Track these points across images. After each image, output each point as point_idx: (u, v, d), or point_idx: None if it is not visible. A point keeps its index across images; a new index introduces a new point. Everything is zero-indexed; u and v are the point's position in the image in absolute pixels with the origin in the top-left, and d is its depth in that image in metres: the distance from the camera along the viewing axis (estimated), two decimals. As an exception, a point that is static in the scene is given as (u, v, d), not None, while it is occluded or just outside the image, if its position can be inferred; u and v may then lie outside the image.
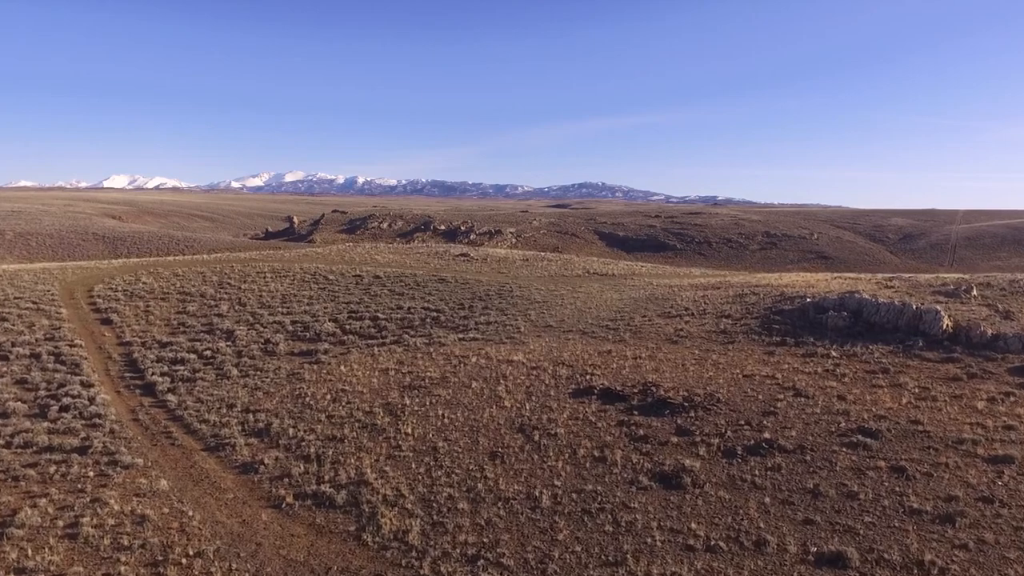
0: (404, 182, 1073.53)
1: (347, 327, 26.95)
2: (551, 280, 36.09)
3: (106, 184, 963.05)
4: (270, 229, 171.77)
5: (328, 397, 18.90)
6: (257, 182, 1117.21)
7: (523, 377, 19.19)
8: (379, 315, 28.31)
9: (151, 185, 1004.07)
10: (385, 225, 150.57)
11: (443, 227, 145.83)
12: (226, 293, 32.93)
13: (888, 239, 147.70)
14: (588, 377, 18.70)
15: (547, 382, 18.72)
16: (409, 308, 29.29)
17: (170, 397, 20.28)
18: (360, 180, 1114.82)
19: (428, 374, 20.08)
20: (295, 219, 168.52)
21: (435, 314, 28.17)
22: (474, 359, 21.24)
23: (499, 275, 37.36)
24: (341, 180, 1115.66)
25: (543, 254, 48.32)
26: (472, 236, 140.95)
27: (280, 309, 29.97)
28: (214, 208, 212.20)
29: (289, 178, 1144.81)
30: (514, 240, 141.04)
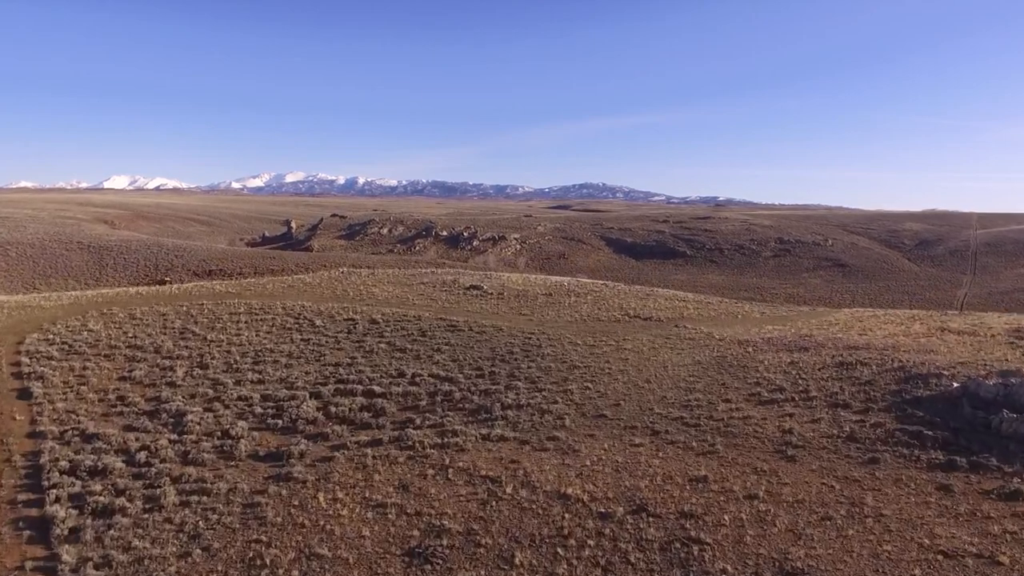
0: (405, 183, 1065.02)
1: (333, 409, 20.16)
2: (585, 327, 29.34)
3: (107, 185, 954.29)
4: (267, 234, 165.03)
5: (296, 572, 12.19)
6: (258, 183, 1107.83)
7: (590, 538, 12.48)
8: (375, 387, 21.55)
9: (152, 186, 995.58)
10: (385, 231, 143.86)
11: (445, 233, 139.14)
12: (187, 347, 26.16)
13: (904, 245, 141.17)
14: (691, 549, 11.95)
15: (630, 552, 12.03)
16: (414, 376, 22.53)
17: (66, 550, 13.55)
18: (361, 181, 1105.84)
19: (444, 522, 13.35)
20: (293, 224, 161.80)
21: (447, 387, 21.43)
22: (510, 488, 14.52)
23: (520, 318, 30.61)
24: (342, 181, 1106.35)
25: (566, 283, 41.54)
26: (475, 243, 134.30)
27: (250, 374, 23.19)
28: (211, 211, 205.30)
29: (290, 179, 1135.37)
30: (518, 247, 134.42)
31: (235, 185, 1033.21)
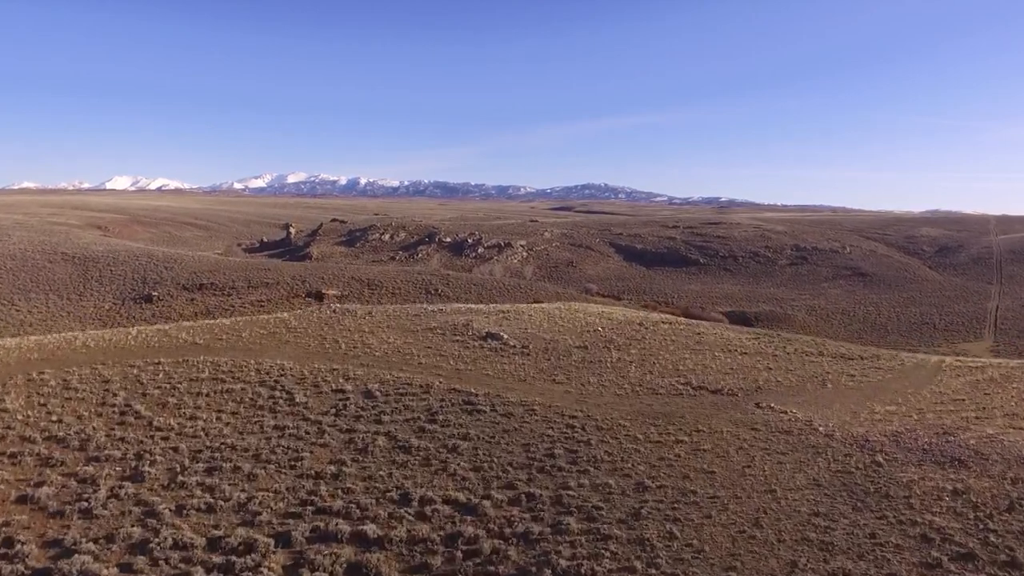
0: (407, 183, 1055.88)
1: (306, 573, 13.60)
2: (640, 404, 22.72)
3: (108, 186, 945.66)
4: (265, 239, 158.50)
5: None
6: (259, 183, 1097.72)
7: None
8: (368, 527, 14.94)
9: (153, 187, 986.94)
10: (387, 237, 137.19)
11: (449, 239, 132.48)
12: (123, 440, 19.53)
13: (923, 252, 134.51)
14: None
15: None
16: (422, 502, 15.90)
17: None
18: (363, 181, 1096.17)
19: None
20: (292, 229, 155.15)
21: (470, 529, 14.80)
22: None
23: (554, 388, 23.99)
24: (343, 181, 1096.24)
25: (598, 323, 34.86)
26: (480, 249, 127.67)
27: (198, 492, 16.57)
28: (210, 215, 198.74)
29: (291, 179, 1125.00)
30: (525, 254, 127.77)
31: (237, 186, 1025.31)
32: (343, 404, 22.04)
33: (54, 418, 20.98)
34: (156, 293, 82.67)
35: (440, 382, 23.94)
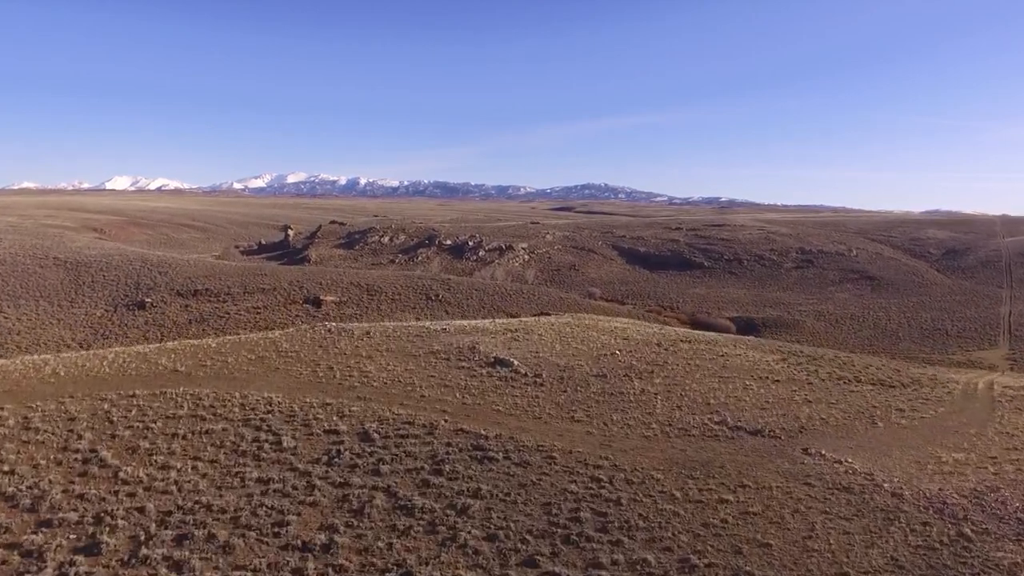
0: (407, 183, 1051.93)
1: None
2: (672, 449, 20.04)
3: (108, 186, 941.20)
4: (264, 241, 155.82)
5: None
6: (259, 183, 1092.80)
7: None
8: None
9: (153, 187, 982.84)
10: (386, 240, 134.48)
11: (449, 242, 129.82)
12: (83, 498, 16.81)
13: (930, 255, 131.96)
14: None
15: None
16: (428, 588, 13.29)
17: None
18: (362, 181, 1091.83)
19: None
20: (290, 231, 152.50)
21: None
22: None
23: (574, 427, 21.30)
24: (343, 181, 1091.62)
25: (614, 344, 32.14)
26: (481, 252, 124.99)
27: (162, 572, 13.95)
28: (208, 216, 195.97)
29: (291, 179, 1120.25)
30: (527, 257, 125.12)
31: (237, 186, 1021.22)
32: (336, 449, 19.32)
33: (6, 468, 18.26)
34: (150, 299, 79.86)
35: (446, 420, 21.22)
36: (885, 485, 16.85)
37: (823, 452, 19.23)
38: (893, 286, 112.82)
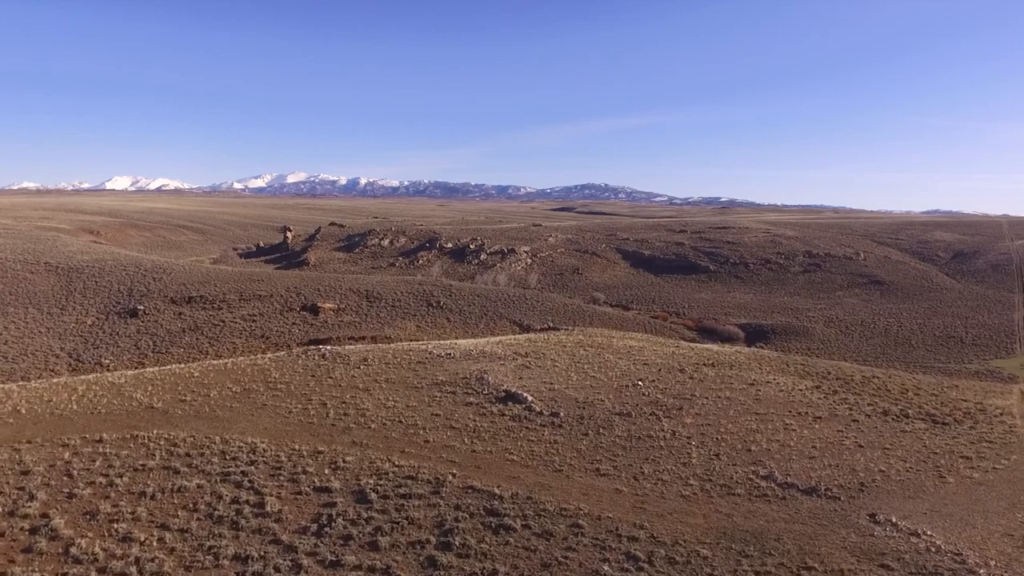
0: (407, 183, 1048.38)
1: None
2: (718, 514, 17.21)
3: (108, 186, 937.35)
4: (262, 244, 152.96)
5: None
6: (259, 183, 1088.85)
7: None
8: None
9: (153, 187, 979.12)
10: (386, 242, 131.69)
11: (450, 245, 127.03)
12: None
13: (939, 258, 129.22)
14: None
15: None
16: None
17: None
18: (363, 181, 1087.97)
19: None
20: (289, 233, 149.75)
21: None
22: None
23: (600, 482, 18.49)
24: (344, 181, 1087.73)
25: (635, 372, 29.31)
26: (483, 256, 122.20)
27: None
28: (207, 217, 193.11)
29: (291, 179, 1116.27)
30: (529, 261, 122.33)
31: (237, 186, 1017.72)
32: (328, 515, 16.49)
33: (-59, 541, 15.45)
34: (142, 307, 76.96)
35: (453, 475, 18.39)
36: (981, 572, 14.08)
37: (893, 520, 16.44)
38: (902, 291, 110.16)
